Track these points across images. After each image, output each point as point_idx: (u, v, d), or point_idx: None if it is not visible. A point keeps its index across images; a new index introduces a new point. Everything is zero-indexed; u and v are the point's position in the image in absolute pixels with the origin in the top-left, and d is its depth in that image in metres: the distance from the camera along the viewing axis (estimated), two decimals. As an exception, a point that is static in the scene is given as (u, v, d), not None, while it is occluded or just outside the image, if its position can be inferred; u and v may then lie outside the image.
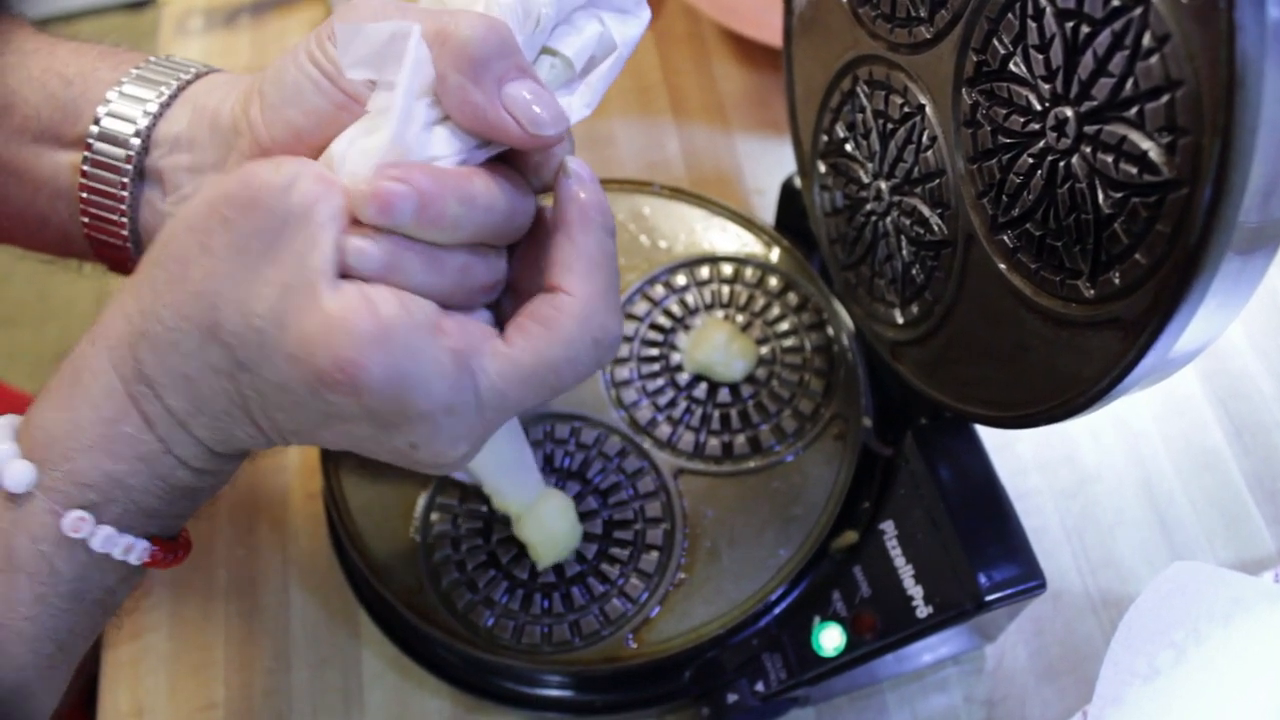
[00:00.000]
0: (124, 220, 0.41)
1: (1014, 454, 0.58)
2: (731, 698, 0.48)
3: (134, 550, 0.36)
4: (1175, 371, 0.36)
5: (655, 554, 0.50)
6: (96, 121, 0.41)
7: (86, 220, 0.42)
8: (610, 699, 0.49)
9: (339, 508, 0.52)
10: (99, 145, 0.40)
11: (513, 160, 0.37)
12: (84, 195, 0.41)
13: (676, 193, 0.60)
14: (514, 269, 0.38)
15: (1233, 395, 0.60)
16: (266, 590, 0.57)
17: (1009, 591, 0.44)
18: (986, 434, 0.48)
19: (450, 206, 0.33)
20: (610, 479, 0.52)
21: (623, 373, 0.55)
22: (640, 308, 0.56)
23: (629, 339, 0.56)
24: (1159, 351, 0.33)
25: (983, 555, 0.44)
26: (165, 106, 0.40)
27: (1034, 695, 0.52)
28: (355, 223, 0.33)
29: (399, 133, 0.33)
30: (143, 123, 0.40)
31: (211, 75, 0.42)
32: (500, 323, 0.37)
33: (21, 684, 0.36)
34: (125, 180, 0.40)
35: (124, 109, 0.40)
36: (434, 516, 0.51)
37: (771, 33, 0.69)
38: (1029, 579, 0.44)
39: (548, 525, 0.49)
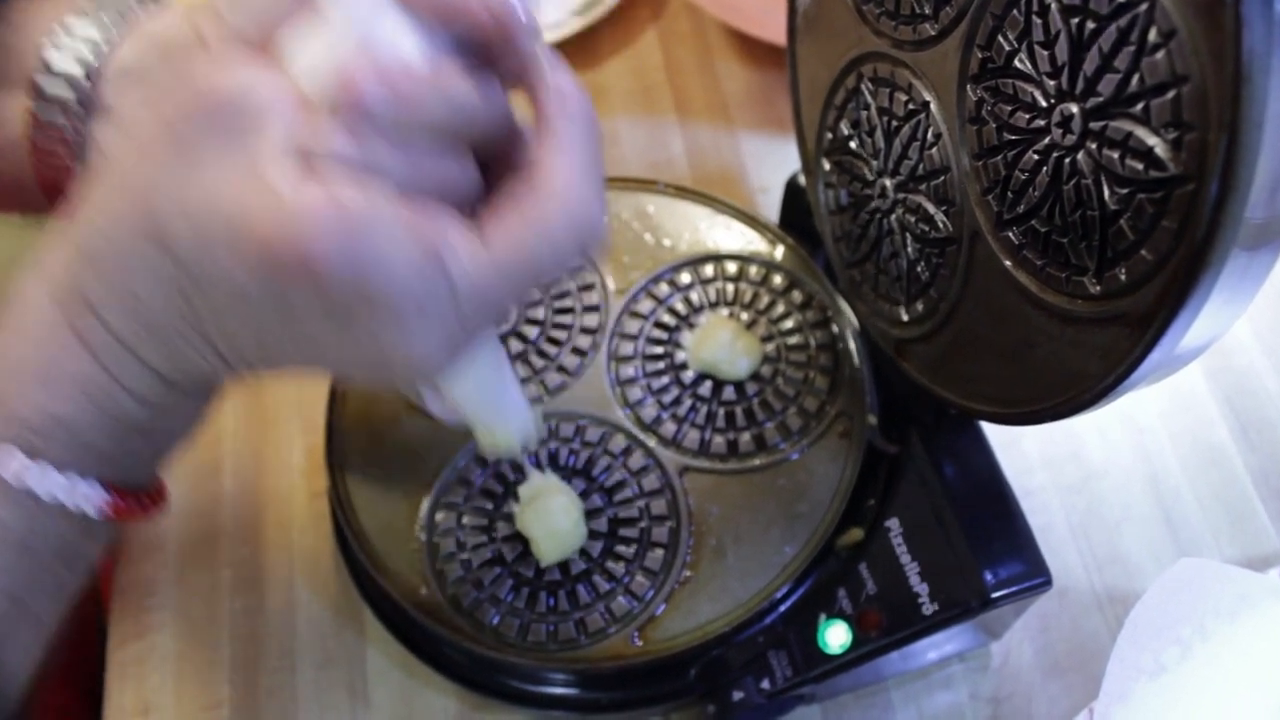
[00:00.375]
0: (77, 164, 0.39)
1: (1019, 451, 0.58)
2: (737, 695, 0.47)
3: (89, 500, 0.34)
4: (1182, 367, 0.36)
5: (660, 551, 0.50)
6: (43, 63, 0.38)
7: (40, 166, 0.39)
8: (615, 697, 0.49)
9: (344, 506, 0.52)
10: (46, 86, 0.38)
11: (483, 58, 0.33)
12: (35, 140, 0.39)
13: (681, 191, 0.60)
14: (489, 189, 0.34)
15: (1238, 391, 0.60)
16: (272, 589, 0.57)
17: (1015, 589, 0.44)
18: (991, 431, 0.48)
19: (418, 95, 0.30)
20: (615, 476, 0.52)
21: (627, 370, 0.54)
22: (645, 306, 0.56)
23: (633, 337, 0.55)
24: (1165, 347, 0.33)
25: (988, 552, 0.44)
26: (113, 41, 0.38)
27: (1040, 692, 0.52)
28: (311, 118, 0.30)
29: (358, 27, 0.31)
30: (90, 58, 0.38)
31: (159, 4, 0.40)
32: None
33: None
34: (76, 122, 0.38)
35: (71, 46, 0.38)
36: (439, 515, 0.51)
37: (775, 30, 0.69)
38: (1035, 576, 0.44)
39: (553, 522, 0.49)
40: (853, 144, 0.48)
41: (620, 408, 0.53)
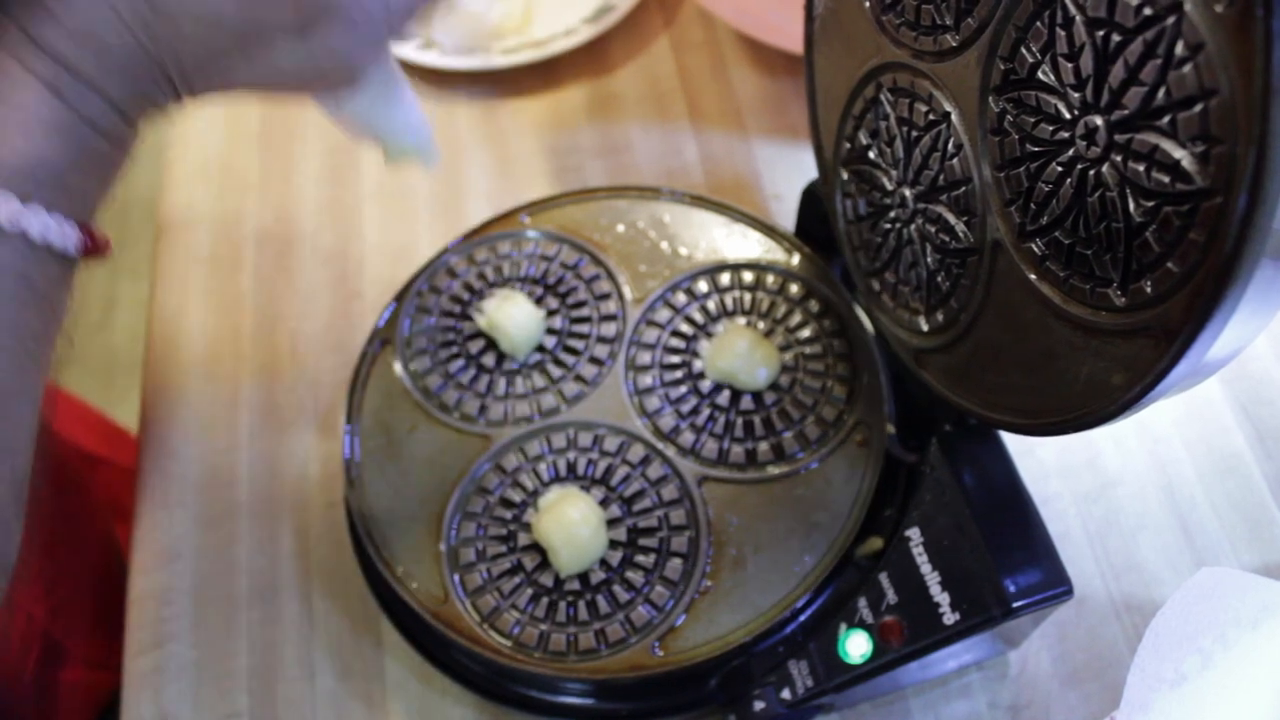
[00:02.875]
0: None
1: (1035, 459, 0.58)
2: (758, 705, 0.47)
3: (70, 240, 0.36)
4: (1207, 378, 0.36)
5: (680, 561, 0.50)
6: None
7: None
8: (636, 707, 0.49)
9: (364, 518, 0.52)
10: None
11: None
12: None
13: (697, 200, 0.60)
14: None
15: (1254, 400, 0.60)
16: (289, 599, 0.58)
17: (1036, 598, 0.44)
18: (1008, 440, 0.48)
19: None
20: (634, 486, 0.52)
21: (645, 380, 0.55)
22: (662, 315, 0.56)
23: (650, 346, 0.56)
24: (1192, 359, 0.33)
25: (1010, 561, 0.44)
26: None
27: (1058, 701, 0.52)
28: None
29: None
30: None
31: None
32: None
33: None
34: None
35: None
36: (459, 524, 0.51)
37: (787, 38, 0.70)
38: (1056, 585, 0.44)
39: (573, 531, 0.49)
40: (872, 154, 0.48)
41: (638, 417, 0.53)
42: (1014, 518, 0.46)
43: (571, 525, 0.49)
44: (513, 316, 0.55)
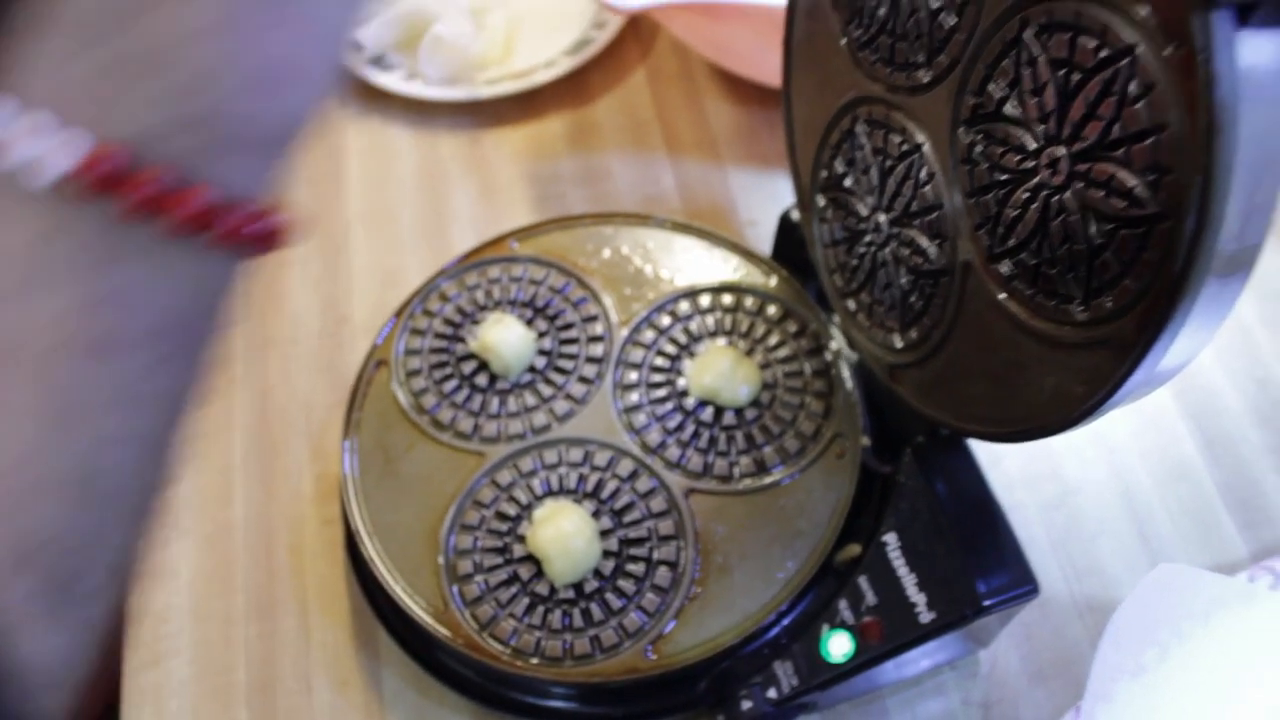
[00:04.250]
0: None
1: (1002, 470, 0.61)
2: (746, 705, 0.50)
3: None
4: (1160, 386, 0.39)
5: (669, 570, 0.52)
6: None
7: None
8: (629, 710, 0.52)
9: (364, 533, 0.54)
10: None
11: None
12: None
13: (678, 226, 0.63)
14: None
15: (1203, 411, 0.63)
16: (285, 614, 0.59)
17: (1005, 596, 0.47)
18: (976, 451, 0.51)
19: None
20: (624, 499, 0.54)
21: (632, 397, 0.57)
22: (647, 336, 0.59)
23: (637, 366, 0.58)
24: (1147, 368, 0.36)
25: (980, 563, 0.47)
26: None
27: (1026, 697, 0.55)
28: None
29: None
30: None
31: None
32: None
33: None
34: None
35: None
36: (456, 538, 0.53)
37: (759, 70, 0.73)
38: (1023, 584, 0.47)
39: (568, 542, 0.51)
40: (848, 181, 0.51)
41: (626, 433, 0.56)
42: (983, 523, 0.49)
43: (565, 537, 0.51)
44: (505, 339, 0.57)
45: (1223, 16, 0.31)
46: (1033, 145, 0.39)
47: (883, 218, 0.49)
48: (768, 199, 0.71)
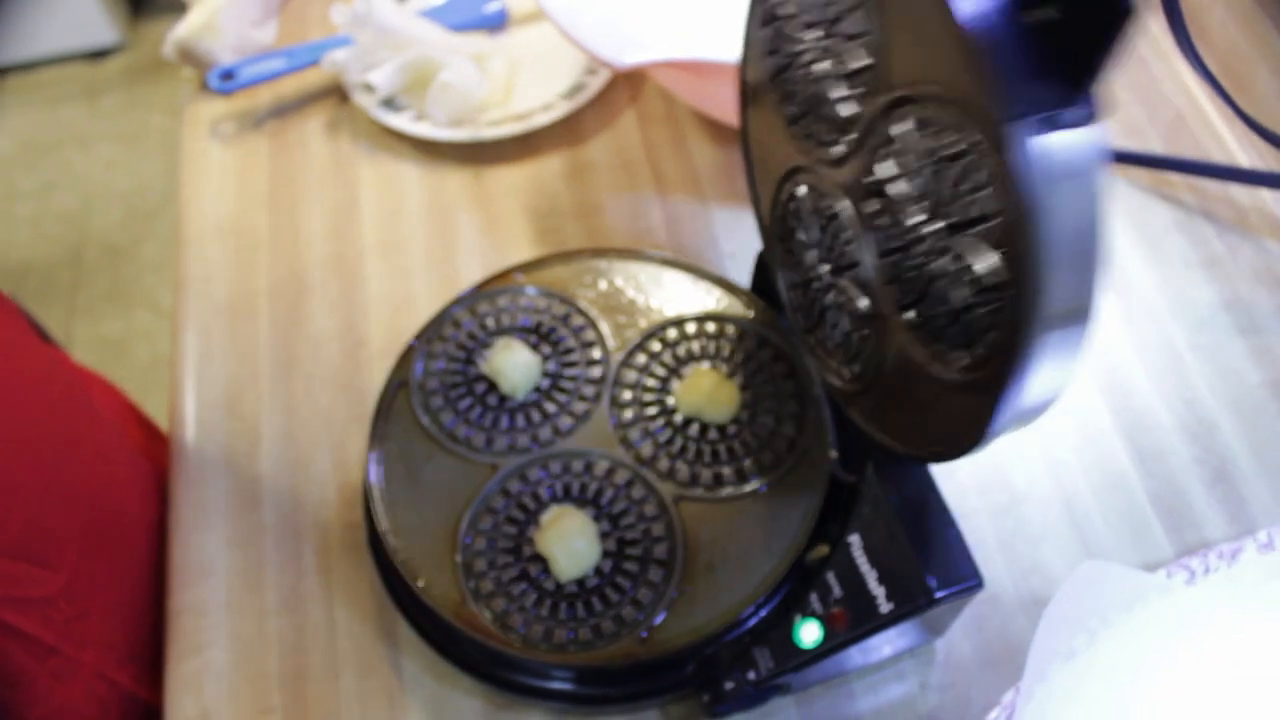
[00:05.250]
0: None
1: (956, 481, 0.67)
2: (728, 685, 0.56)
3: None
4: (1037, 417, 0.44)
5: (661, 568, 0.59)
6: None
7: None
8: (626, 690, 0.58)
9: (388, 535, 0.60)
10: None
11: None
12: None
13: (667, 261, 0.69)
14: None
15: (1136, 427, 0.69)
16: (313, 609, 0.65)
17: (954, 589, 0.52)
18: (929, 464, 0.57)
19: None
20: (620, 505, 0.61)
21: (627, 415, 0.64)
22: (639, 360, 0.66)
23: (631, 386, 0.65)
24: (1010, 405, 0.42)
25: (931, 560, 0.52)
26: None
27: (977, 681, 0.60)
28: None
29: None
30: None
31: None
32: None
33: None
34: None
35: None
36: (471, 540, 0.60)
37: (736, 115, 0.79)
38: (970, 578, 0.52)
39: (572, 543, 0.58)
40: (799, 234, 0.57)
41: (622, 446, 0.63)
42: (935, 526, 0.54)
43: (569, 538, 0.58)
44: (513, 362, 0.64)
45: (1024, 125, 0.35)
46: (919, 218, 0.45)
47: (825, 268, 0.55)
48: (747, 233, 0.78)
